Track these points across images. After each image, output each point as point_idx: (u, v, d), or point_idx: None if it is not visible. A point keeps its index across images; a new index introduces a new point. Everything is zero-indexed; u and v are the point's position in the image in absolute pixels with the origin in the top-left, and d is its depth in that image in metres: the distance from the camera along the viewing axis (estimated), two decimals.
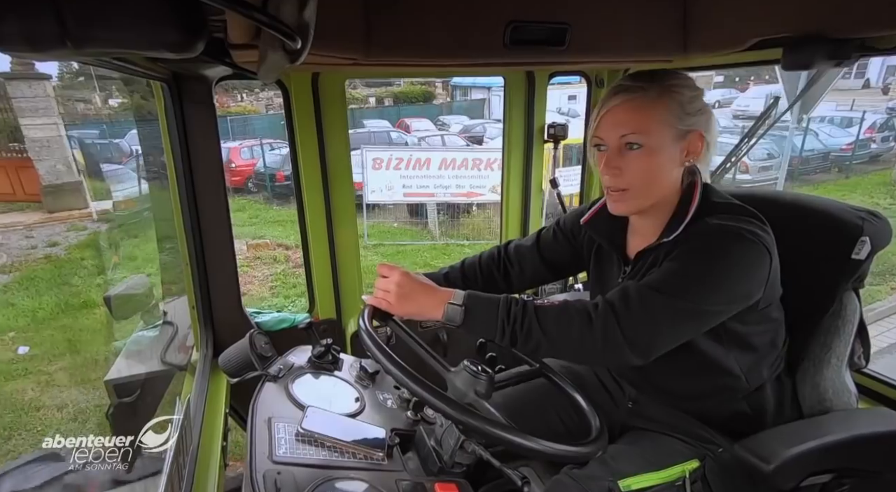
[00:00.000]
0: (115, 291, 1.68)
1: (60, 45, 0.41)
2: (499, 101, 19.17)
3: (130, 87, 4.78)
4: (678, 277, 0.84)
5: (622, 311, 0.82)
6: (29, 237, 6.98)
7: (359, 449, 0.93)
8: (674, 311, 0.82)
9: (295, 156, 1.60)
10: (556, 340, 0.84)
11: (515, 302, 0.87)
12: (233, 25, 0.64)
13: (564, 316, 0.84)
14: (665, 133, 0.87)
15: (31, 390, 3.83)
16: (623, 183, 0.90)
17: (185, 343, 1.70)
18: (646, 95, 0.87)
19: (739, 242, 0.83)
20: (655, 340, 0.83)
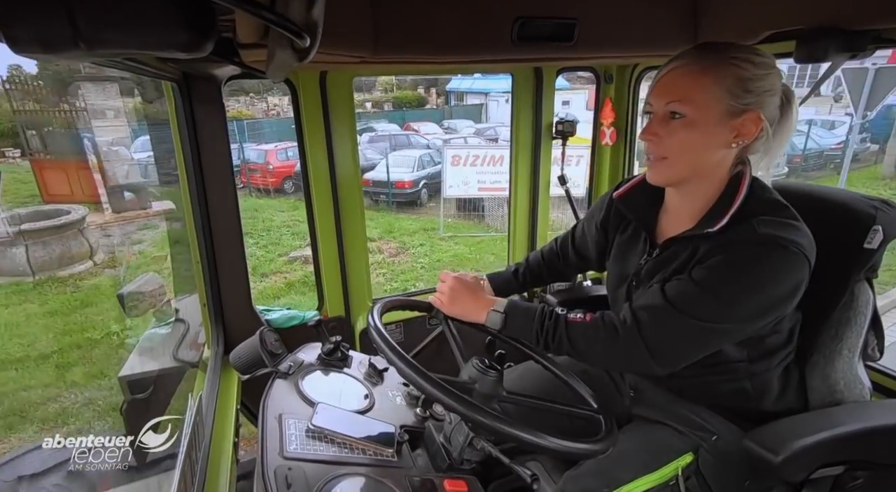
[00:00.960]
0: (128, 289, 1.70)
1: (73, 47, 0.42)
2: (497, 105, 19.77)
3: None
4: (712, 297, 0.81)
5: (649, 332, 0.84)
6: (108, 235, 7.25)
7: (368, 445, 0.94)
8: (705, 333, 0.83)
9: (303, 154, 1.60)
10: (583, 352, 0.92)
11: (549, 315, 0.94)
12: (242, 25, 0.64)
13: (591, 331, 0.90)
14: (712, 106, 0.81)
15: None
16: (661, 151, 0.87)
17: (197, 340, 1.72)
18: (698, 63, 0.82)
19: (784, 258, 0.79)
20: (682, 357, 0.86)
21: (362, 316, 1.79)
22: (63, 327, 4.78)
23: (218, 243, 1.47)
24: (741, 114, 0.82)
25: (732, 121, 0.83)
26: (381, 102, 20.02)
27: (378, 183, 9.70)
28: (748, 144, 0.86)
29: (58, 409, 3.63)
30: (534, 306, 0.97)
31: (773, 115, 0.85)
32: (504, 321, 0.98)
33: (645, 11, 1.13)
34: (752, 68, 0.81)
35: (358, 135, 1.72)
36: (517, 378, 1.23)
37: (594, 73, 1.85)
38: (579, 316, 0.92)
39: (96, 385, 3.89)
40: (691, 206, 0.93)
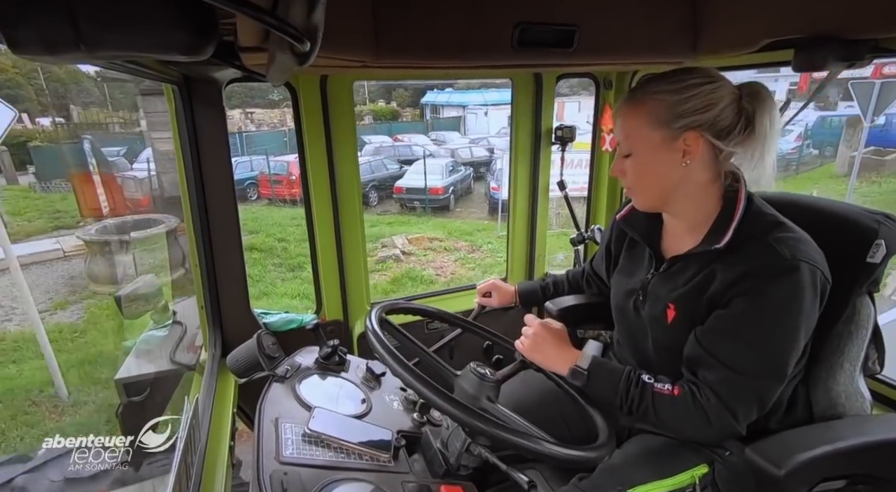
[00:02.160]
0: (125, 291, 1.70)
1: (74, 49, 0.42)
2: (475, 118, 20.57)
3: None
4: (765, 344, 0.85)
5: (734, 405, 0.85)
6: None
7: (365, 450, 0.93)
8: (778, 380, 0.86)
9: (303, 158, 1.61)
10: (670, 429, 0.91)
11: (636, 382, 0.91)
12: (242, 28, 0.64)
13: (682, 409, 0.88)
14: (646, 138, 0.90)
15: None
16: (627, 183, 0.97)
17: (194, 343, 1.72)
18: (628, 105, 0.92)
19: (811, 277, 0.83)
20: (764, 409, 0.88)
21: (360, 320, 1.79)
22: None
23: (217, 246, 1.46)
24: (679, 136, 0.87)
25: (672, 144, 0.88)
26: (361, 115, 20.33)
27: (412, 190, 10.32)
28: (706, 159, 0.89)
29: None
30: (619, 368, 0.94)
31: (724, 125, 0.87)
32: (587, 380, 0.96)
33: (645, 19, 1.14)
34: (674, 95, 0.86)
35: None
36: (518, 385, 1.23)
37: (594, 79, 1.86)
38: (667, 387, 0.90)
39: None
40: (686, 223, 0.98)
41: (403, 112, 22.46)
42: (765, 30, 1.00)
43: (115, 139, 10.93)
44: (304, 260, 6.96)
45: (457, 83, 20.59)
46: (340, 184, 1.64)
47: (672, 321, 0.94)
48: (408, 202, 10.42)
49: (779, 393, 0.88)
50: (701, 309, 0.90)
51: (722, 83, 0.87)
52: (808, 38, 0.97)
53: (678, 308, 0.93)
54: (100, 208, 7.90)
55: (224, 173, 1.42)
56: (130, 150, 10.87)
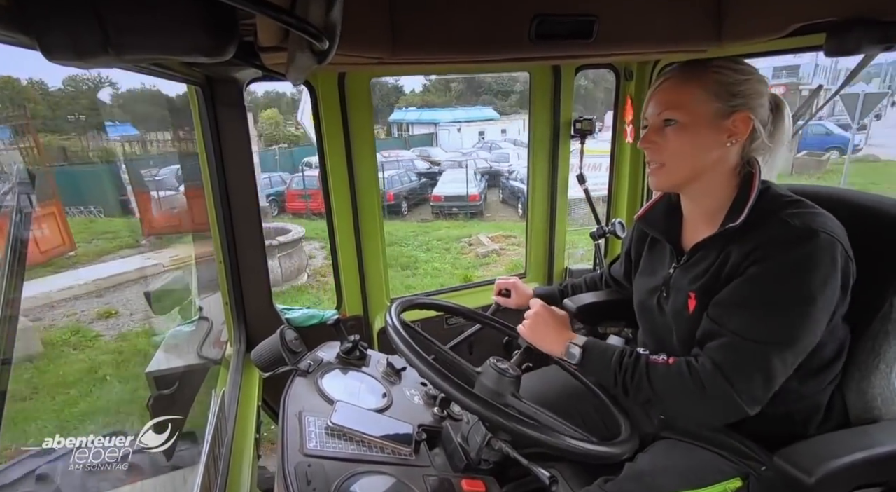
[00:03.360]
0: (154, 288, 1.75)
1: (103, 53, 0.44)
2: (448, 134, 21.75)
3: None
4: (777, 313, 0.81)
5: (736, 377, 0.81)
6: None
7: (386, 444, 0.94)
8: (785, 353, 0.81)
9: (322, 155, 1.62)
10: (664, 400, 0.87)
11: (630, 353, 0.91)
12: (262, 28, 0.65)
13: (676, 377, 0.85)
14: (700, 109, 0.88)
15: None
16: (659, 157, 0.93)
17: (220, 338, 1.76)
18: (682, 74, 0.91)
19: (824, 246, 0.80)
20: (770, 388, 0.82)
21: (380, 315, 1.80)
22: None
23: (240, 244, 1.49)
24: (730, 115, 0.88)
25: (723, 121, 0.88)
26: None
27: (451, 197, 11.18)
28: (743, 143, 0.90)
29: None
30: (614, 345, 0.95)
31: (764, 117, 0.90)
32: (582, 356, 0.96)
33: (666, 6, 1.11)
34: (733, 74, 0.88)
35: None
36: (537, 381, 1.22)
37: (614, 70, 1.82)
38: (662, 358, 0.89)
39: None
40: (705, 208, 0.96)
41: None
42: (794, 13, 0.96)
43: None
44: (407, 260, 7.53)
45: (424, 102, 22.50)
46: (359, 180, 1.65)
47: (693, 311, 0.92)
48: (447, 209, 11.14)
49: (790, 369, 0.82)
50: (719, 291, 0.88)
51: (764, 81, 0.91)
52: (840, 20, 0.92)
53: (699, 297, 0.91)
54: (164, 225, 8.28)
55: (246, 172, 1.45)
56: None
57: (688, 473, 0.95)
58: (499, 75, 26.35)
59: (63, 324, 4.81)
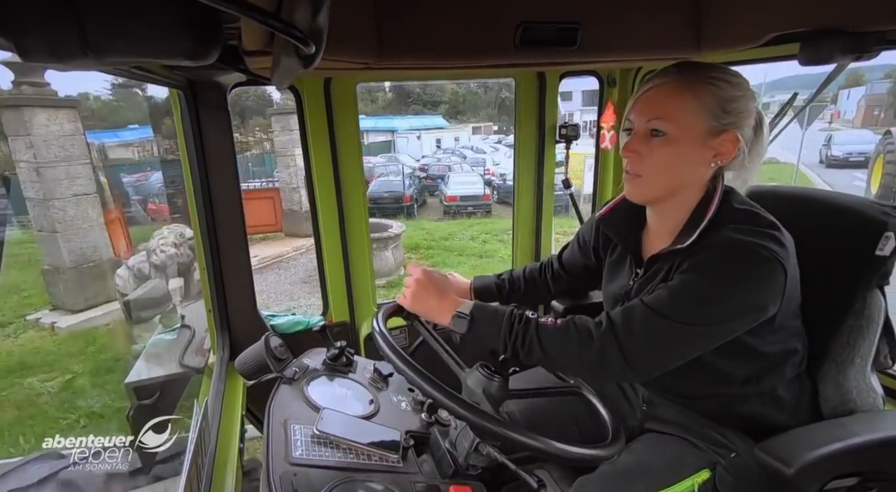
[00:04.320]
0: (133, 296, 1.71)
1: (82, 55, 0.43)
2: (406, 142, 22.81)
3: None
4: (685, 298, 0.80)
5: (624, 334, 0.80)
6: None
7: (374, 451, 0.93)
8: (679, 335, 0.80)
9: (307, 160, 1.61)
10: (554, 358, 0.86)
11: (519, 318, 0.89)
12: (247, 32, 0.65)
13: (564, 335, 0.85)
14: (692, 125, 0.83)
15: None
16: (640, 168, 0.88)
17: (203, 346, 1.73)
18: (678, 82, 0.84)
19: (753, 260, 0.78)
20: (657, 364, 0.83)
21: (367, 321, 1.79)
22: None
23: (223, 249, 1.47)
24: (720, 133, 0.83)
25: (712, 140, 0.84)
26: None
27: (466, 197, 11.76)
28: (726, 163, 0.88)
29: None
30: (502, 309, 0.91)
31: (749, 136, 0.87)
32: (469, 325, 0.91)
33: (648, 15, 1.13)
34: (730, 89, 0.83)
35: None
36: (523, 384, 1.23)
37: (597, 77, 1.85)
38: (550, 320, 0.87)
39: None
40: (670, 223, 0.93)
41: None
42: (770, 23, 0.99)
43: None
44: (479, 250, 8.25)
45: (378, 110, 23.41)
46: (345, 186, 1.64)
47: None
48: (463, 209, 11.73)
49: (686, 353, 0.81)
50: None
51: (755, 97, 0.87)
52: (814, 31, 0.96)
53: None
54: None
55: (229, 177, 1.43)
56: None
57: (661, 471, 0.96)
58: (427, 85, 27.03)
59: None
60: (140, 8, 0.44)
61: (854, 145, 14.36)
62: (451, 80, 9.98)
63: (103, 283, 5.44)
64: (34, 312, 5.45)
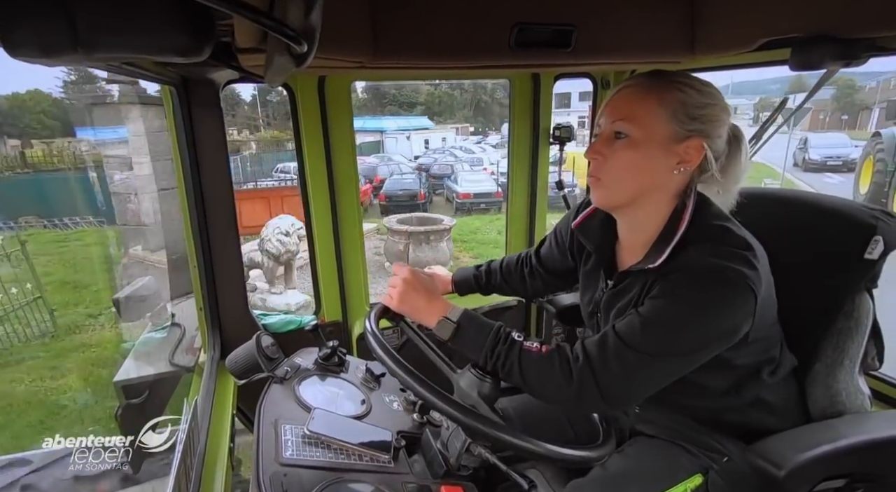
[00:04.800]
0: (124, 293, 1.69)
1: (71, 51, 0.42)
2: (395, 142, 23.08)
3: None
4: (656, 328, 0.78)
5: (600, 369, 0.79)
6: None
7: (365, 451, 0.93)
8: (653, 366, 0.79)
9: (301, 159, 1.60)
10: (533, 387, 0.84)
11: (504, 338, 0.86)
12: (240, 30, 0.64)
13: (546, 366, 0.83)
14: (656, 128, 0.81)
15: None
16: (601, 171, 0.86)
17: (193, 345, 1.71)
18: (645, 86, 0.83)
19: (722, 285, 0.76)
20: (634, 396, 0.84)
21: (359, 321, 1.79)
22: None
23: (215, 247, 1.46)
24: (685, 140, 0.82)
25: (676, 146, 0.82)
26: (283, 141, 20.45)
27: (479, 194, 12.34)
28: (692, 173, 0.85)
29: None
30: (490, 324, 0.89)
31: (719, 149, 0.85)
32: (455, 332, 0.89)
33: (642, 19, 1.14)
34: (697, 95, 0.81)
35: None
36: None
37: (592, 79, 1.86)
38: (535, 345, 0.85)
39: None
40: (640, 236, 0.91)
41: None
42: (762, 29, 1.00)
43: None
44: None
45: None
46: (339, 185, 1.64)
47: None
48: (476, 205, 12.21)
49: (659, 381, 0.81)
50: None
51: (728, 109, 0.86)
52: (805, 37, 0.97)
53: None
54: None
55: (222, 174, 1.42)
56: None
57: (653, 476, 0.96)
58: (402, 86, 27.15)
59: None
60: (131, 3, 0.44)
61: (832, 149, 14.43)
62: (426, 81, 10.06)
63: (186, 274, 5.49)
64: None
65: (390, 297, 1.00)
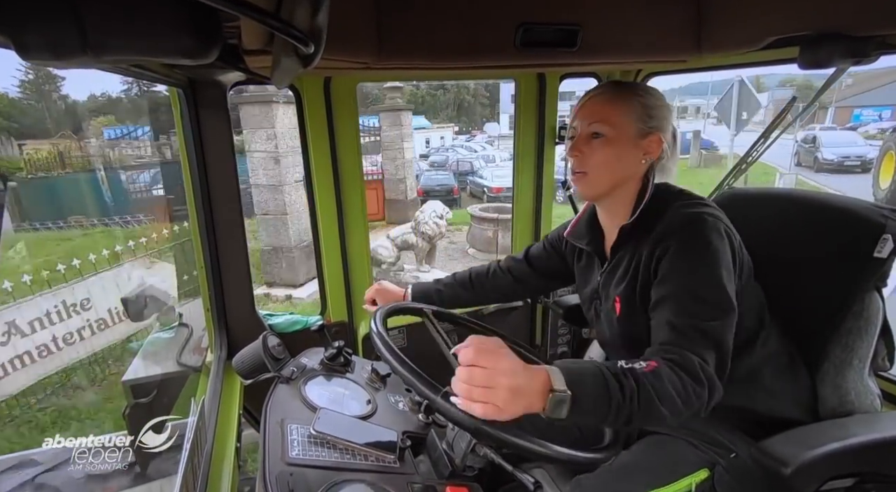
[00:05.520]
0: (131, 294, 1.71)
1: (81, 54, 0.42)
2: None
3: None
4: (698, 288, 0.84)
5: (703, 353, 0.78)
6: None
7: (370, 451, 0.93)
8: (726, 322, 0.83)
9: (307, 159, 1.61)
10: (673, 408, 0.73)
11: (623, 373, 0.73)
12: (247, 31, 0.65)
13: (675, 378, 0.75)
14: (626, 128, 0.96)
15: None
16: (584, 166, 0.99)
17: (200, 345, 1.73)
18: (612, 93, 0.99)
19: (713, 226, 0.89)
20: (728, 362, 0.82)
21: (365, 321, 1.79)
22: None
23: (222, 248, 1.47)
24: (647, 135, 0.98)
25: (641, 140, 0.98)
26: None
27: (509, 188, 12.59)
28: (651, 161, 1.00)
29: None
30: (589, 365, 0.74)
31: (669, 140, 1.01)
32: (573, 402, 0.69)
33: (648, 17, 1.13)
34: (651, 99, 0.99)
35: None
36: None
37: (597, 78, 1.85)
38: (642, 364, 0.76)
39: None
40: (615, 218, 1.04)
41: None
42: (770, 27, 0.99)
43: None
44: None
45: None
46: (344, 185, 1.64)
47: (620, 314, 0.99)
48: (507, 198, 12.78)
49: (731, 332, 0.83)
50: (637, 298, 0.95)
51: (671, 108, 1.03)
52: (813, 35, 0.96)
53: (622, 300, 0.98)
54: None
55: (228, 176, 1.43)
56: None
57: (659, 469, 0.97)
58: (383, 86, 27.24)
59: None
60: (140, 5, 0.44)
61: (846, 147, 13.79)
62: (406, 82, 10.05)
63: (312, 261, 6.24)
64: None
65: (495, 406, 0.68)
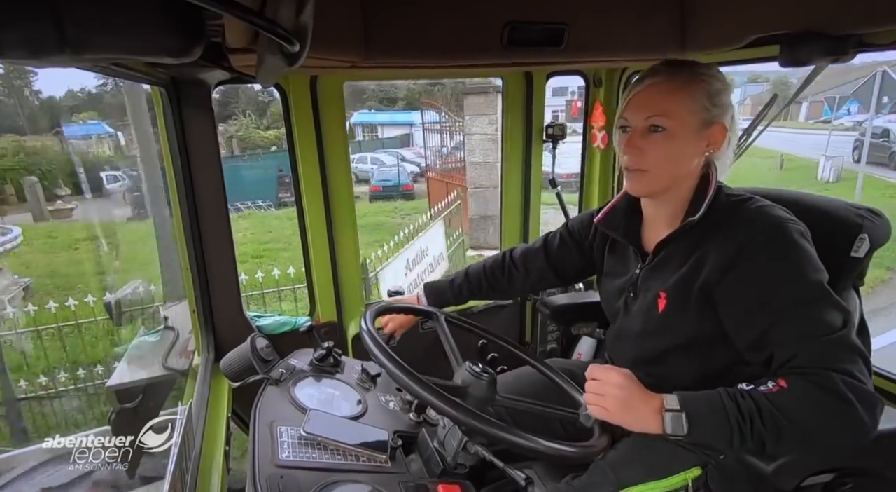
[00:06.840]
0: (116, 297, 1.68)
1: (59, 52, 0.41)
2: (421, 136, 22.96)
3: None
4: (817, 305, 0.78)
5: (850, 367, 0.73)
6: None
7: (362, 452, 0.93)
8: (848, 321, 0.77)
9: (294, 159, 1.59)
10: (811, 430, 0.72)
11: (741, 394, 0.75)
12: (231, 30, 0.64)
13: (812, 397, 0.72)
14: (689, 119, 0.88)
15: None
16: (643, 164, 0.91)
17: (187, 348, 1.70)
18: (673, 80, 0.89)
19: (791, 228, 0.84)
20: (866, 359, 0.77)
21: (354, 321, 1.78)
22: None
23: (208, 249, 1.45)
24: (711, 125, 0.90)
25: (705, 131, 0.90)
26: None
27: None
28: (717, 152, 0.93)
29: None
30: (708, 393, 0.78)
31: (734, 126, 0.93)
32: (690, 422, 0.75)
33: (633, 17, 1.15)
34: (717, 83, 0.89)
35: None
36: (511, 382, 1.23)
37: (584, 77, 1.86)
38: (770, 385, 0.75)
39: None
40: (667, 212, 0.97)
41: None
42: (752, 25, 1.01)
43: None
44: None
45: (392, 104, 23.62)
46: (332, 185, 1.63)
47: (664, 309, 0.94)
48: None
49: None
50: (692, 296, 0.89)
51: (731, 90, 0.93)
52: (794, 33, 0.98)
53: (670, 296, 0.93)
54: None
55: (214, 176, 1.41)
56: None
57: (651, 465, 0.97)
58: (379, 82, 27.18)
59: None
60: (120, 3, 0.43)
61: None
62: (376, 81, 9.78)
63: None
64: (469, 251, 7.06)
65: (603, 408, 0.82)
